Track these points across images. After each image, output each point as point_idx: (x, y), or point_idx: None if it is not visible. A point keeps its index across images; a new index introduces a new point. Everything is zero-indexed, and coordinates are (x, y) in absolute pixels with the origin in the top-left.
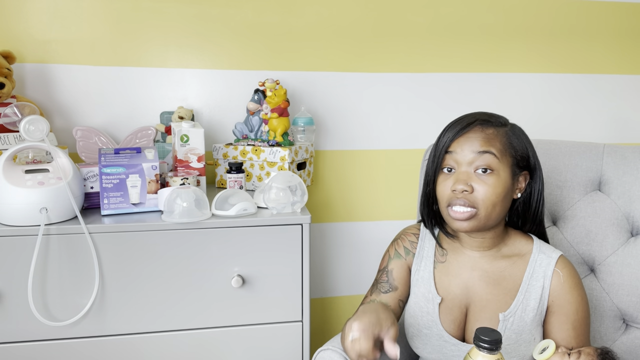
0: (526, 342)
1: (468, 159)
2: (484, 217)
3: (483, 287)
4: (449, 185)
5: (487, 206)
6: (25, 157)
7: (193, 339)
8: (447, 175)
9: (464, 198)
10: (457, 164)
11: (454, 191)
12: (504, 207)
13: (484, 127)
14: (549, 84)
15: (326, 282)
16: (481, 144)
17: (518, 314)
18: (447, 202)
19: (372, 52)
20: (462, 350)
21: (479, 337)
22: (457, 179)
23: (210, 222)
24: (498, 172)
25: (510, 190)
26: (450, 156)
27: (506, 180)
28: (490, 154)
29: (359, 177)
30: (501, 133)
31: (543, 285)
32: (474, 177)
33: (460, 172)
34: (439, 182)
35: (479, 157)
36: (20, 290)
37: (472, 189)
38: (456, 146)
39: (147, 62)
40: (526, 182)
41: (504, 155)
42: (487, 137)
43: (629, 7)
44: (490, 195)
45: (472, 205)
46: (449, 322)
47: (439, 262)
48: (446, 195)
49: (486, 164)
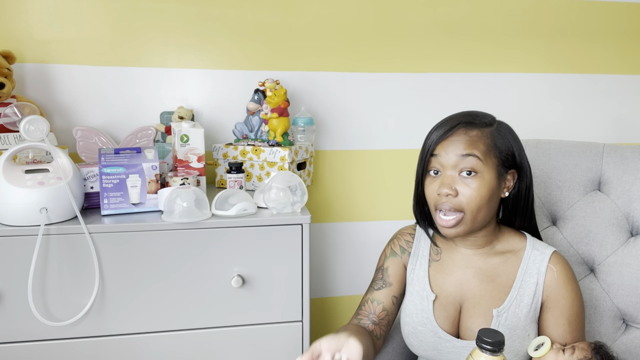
0: (520, 338)
1: (452, 162)
2: (470, 220)
3: (477, 284)
4: (435, 188)
5: (472, 209)
6: (25, 157)
7: (193, 339)
8: (434, 178)
9: (449, 202)
10: (442, 167)
11: (439, 194)
12: (490, 208)
13: (467, 129)
14: (549, 84)
15: (326, 282)
16: (464, 147)
17: (512, 310)
18: (434, 205)
19: (372, 52)
20: (456, 346)
21: (481, 339)
22: (442, 182)
23: (210, 222)
24: (482, 175)
25: (497, 191)
26: (436, 159)
27: (491, 182)
28: (474, 157)
29: (359, 177)
30: (485, 134)
31: (537, 281)
32: (459, 180)
33: (445, 175)
34: (426, 185)
35: (463, 160)
36: (20, 290)
37: (456, 192)
38: (440, 149)
39: (147, 62)
40: (514, 180)
41: (487, 157)
42: (470, 139)
43: (629, 7)
44: (475, 198)
45: (458, 209)
46: (443, 318)
47: (433, 261)
48: (433, 198)
49: (470, 167)
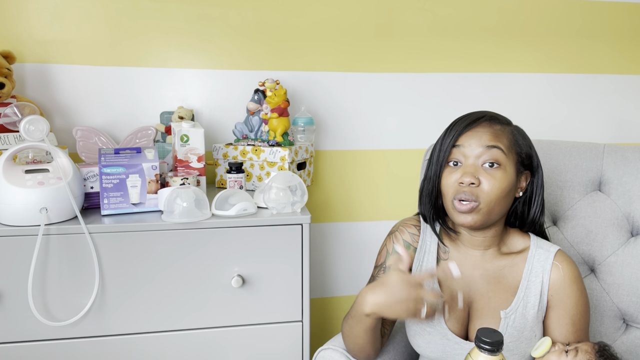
0: (527, 340)
1: (476, 152)
2: (486, 211)
3: (484, 286)
4: (456, 177)
5: (491, 200)
6: (25, 157)
7: (193, 339)
8: (454, 169)
9: (470, 192)
10: (465, 157)
11: (461, 184)
12: (506, 203)
13: (491, 122)
14: (550, 84)
15: (326, 282)
16: (490, 138)
17: (519, 311)
18: (453, 195)
19: (373, 52)
20: (465, 348)
21: (480, 339)
22: (465, 171)
23: (210, 222)
24: (505, 167)
25: (514, 187)
26: (458, 150)
27: (512, 176)
28: (498, 149)
29: (359, 177)
30: (507, 130)
31: (542, 280)
32: (481, 170)
33: (468, 164)
34: (445, 176)
35: (487, 151)
36: (20, 290)
37: (479, 182)
38: (464, 140)
39: (147, 62)
40: (527, 183)
41: (510, 152)
42: (495, 132)
43: (629, 7)
44: (496, 189)
45: (475, 199)
46: (453, 320)
47: (442, 259)
48: (452, 188)
49: (494, 159)
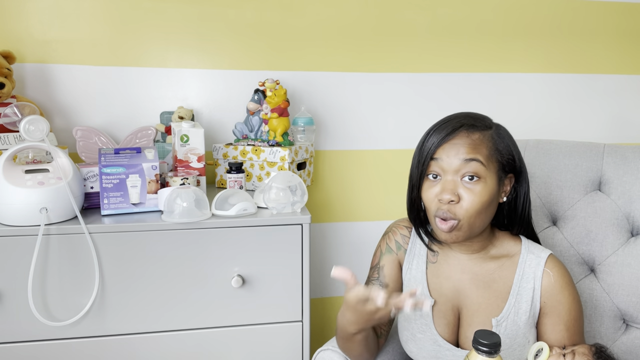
0: (520, 346)
1: (454, 166)
2: (467, 227)
3: (474, 291)
4: (435, 192)
5: (471, 215)
6: (25, 157)
7: (193, 339)
8: (433, 182)
9: (448, 210)
10: (443, 171)
11: (440, 200)
12: (488, 214)
13: (469, 132)
14: (549, 84)
15: (326, 282)
16: (467, 151)
17: (511, 318)
18: (434, 211)
19: (372, 52)
20: (457, 355)
21: (477, 341)
22: (444, 187)
23: (210, 222)
24: (485, 180)
25: (496, 196)
26: (436, 163)
27: (492, 187)
28: (477, 162)
29: (359, 177)
30: (487, 137)
31: (534, 286)
32: (461, 185)
33: (447, 180)
34: (425, 189)
35: (466, 164)
36: (20, 290)
37: (458, 198)
38: (442, 153)
39: (147, 62)
40: (512, 185)
41: (490, 161)
42: (473, 143)
43: (629, 7)
44: (476, 204)
45: (454, 216)
46: (443, 325)
47: (430, 262)
48: (433, 203)
49: (473, 172)
